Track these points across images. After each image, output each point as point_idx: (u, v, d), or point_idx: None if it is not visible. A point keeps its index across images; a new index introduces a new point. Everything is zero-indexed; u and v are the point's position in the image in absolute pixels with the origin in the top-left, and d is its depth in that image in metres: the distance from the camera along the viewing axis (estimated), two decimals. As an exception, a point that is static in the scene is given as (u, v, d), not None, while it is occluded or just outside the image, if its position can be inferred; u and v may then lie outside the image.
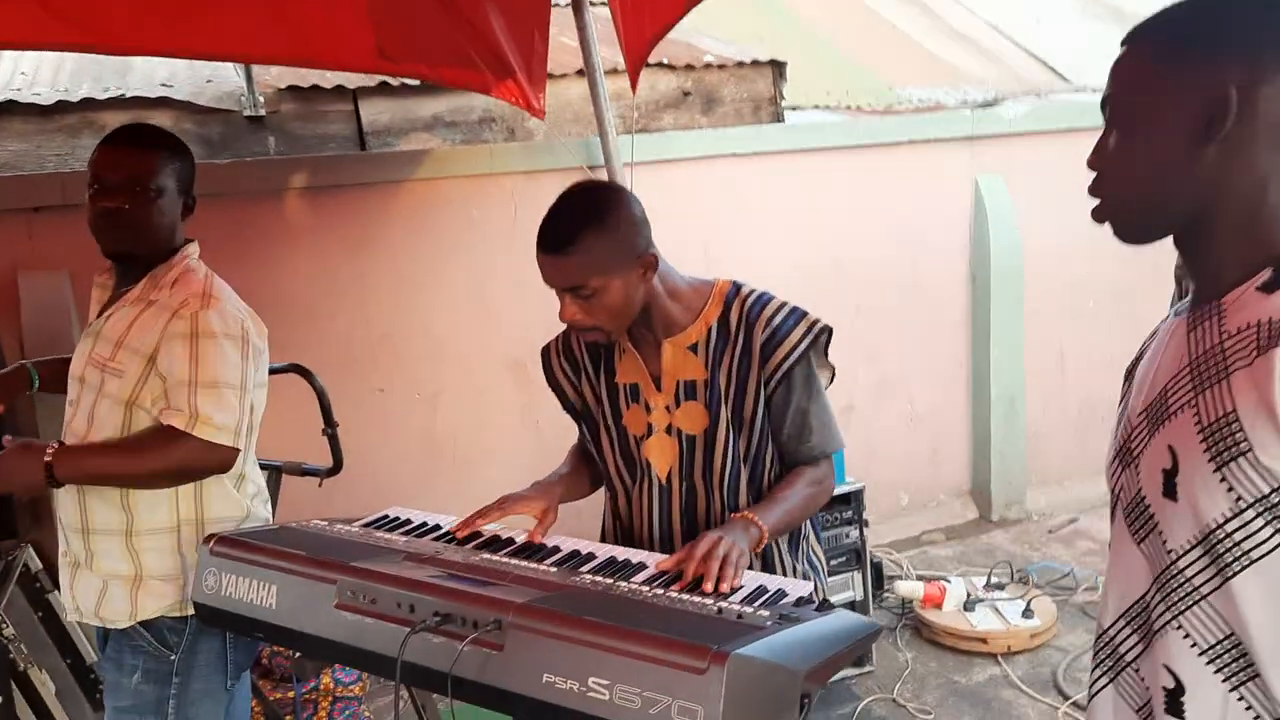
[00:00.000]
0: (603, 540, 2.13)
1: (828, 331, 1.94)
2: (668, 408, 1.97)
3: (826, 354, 1.97)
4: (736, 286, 1.98)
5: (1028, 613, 3.70)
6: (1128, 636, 1.23)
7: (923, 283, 4.83)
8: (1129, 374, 1.35)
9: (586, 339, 1.96)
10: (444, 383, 4.11)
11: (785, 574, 2.00)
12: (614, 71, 4.20)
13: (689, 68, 4.79)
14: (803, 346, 1.90)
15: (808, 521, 2.06)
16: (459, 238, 4.05)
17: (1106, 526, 4.40)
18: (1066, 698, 3.35)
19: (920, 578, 4.18)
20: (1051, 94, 6.21)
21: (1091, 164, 1.20)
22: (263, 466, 2.80)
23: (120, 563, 2.06)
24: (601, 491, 2.19)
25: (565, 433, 4.27)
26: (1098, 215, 1.22)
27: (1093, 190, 1.21)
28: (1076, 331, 5.16)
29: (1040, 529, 4.81)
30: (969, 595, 3.84)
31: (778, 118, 4.95)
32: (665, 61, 4.72)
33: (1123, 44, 1.20)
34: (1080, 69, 6.74)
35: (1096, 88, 6.38)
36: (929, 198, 4.81)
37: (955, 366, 4.99)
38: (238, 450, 2.03)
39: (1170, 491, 1.13)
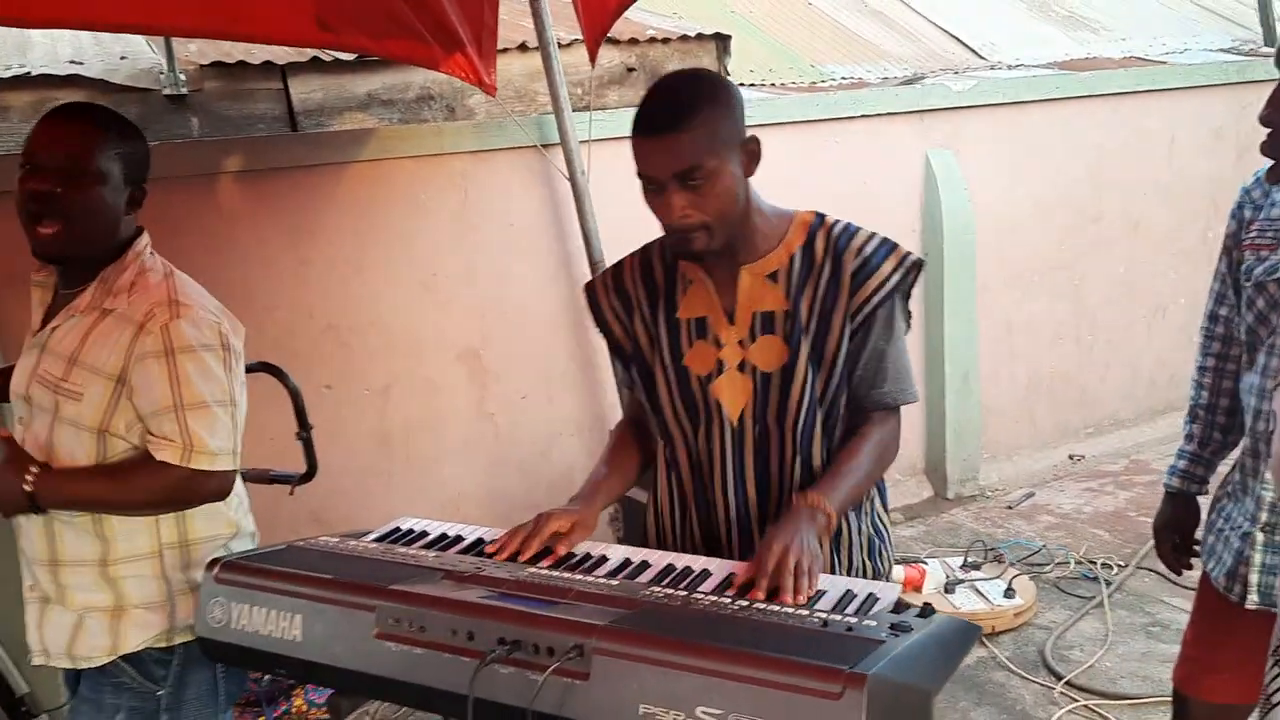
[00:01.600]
0: (656, 498, 1.96)
1: (919, 266, 1.80)
2: (741, 342, 1.81)
3: (909, 296, 1.83)
4: (820, 216, 1.84)
5: (1009, 592, 3.66)
6: None
7: (875, 260, 4.76)
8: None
9: (691, 247, 1.72)
10: (393, 376, 3.87)
11: (850, 537, 1.87)
12: (561, 46, 4.00)
13: (633, 42, 4.62)
14: (894, 281, 1.76)
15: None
16: (406, 222, 3.81)
17: (1064, 499, 4.43)
18: (1059, 676, 3.30)
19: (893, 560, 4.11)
20: (970, 70, 6.23)
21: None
22: (226, 475, 2.57)
23: (96, 594, 1.82)
24: None
25: (520, 422, 4.13)
26: None
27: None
28: (1022, 305, 5.16)
29: (998, 505, 4.80)
30: (948, 577, 3.78)
31: (723, 93, 4.81)
32: (608, 36, 4.53)
33: None
34: (993, 46, 6.78)
35: (1013, 63, 6.46)
36: (880, 172, 4.73)
37: (909, 343, 4.93)
38: (235, 473, 1.81)
39: None
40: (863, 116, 4.66)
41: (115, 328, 1.80)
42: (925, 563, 3.89)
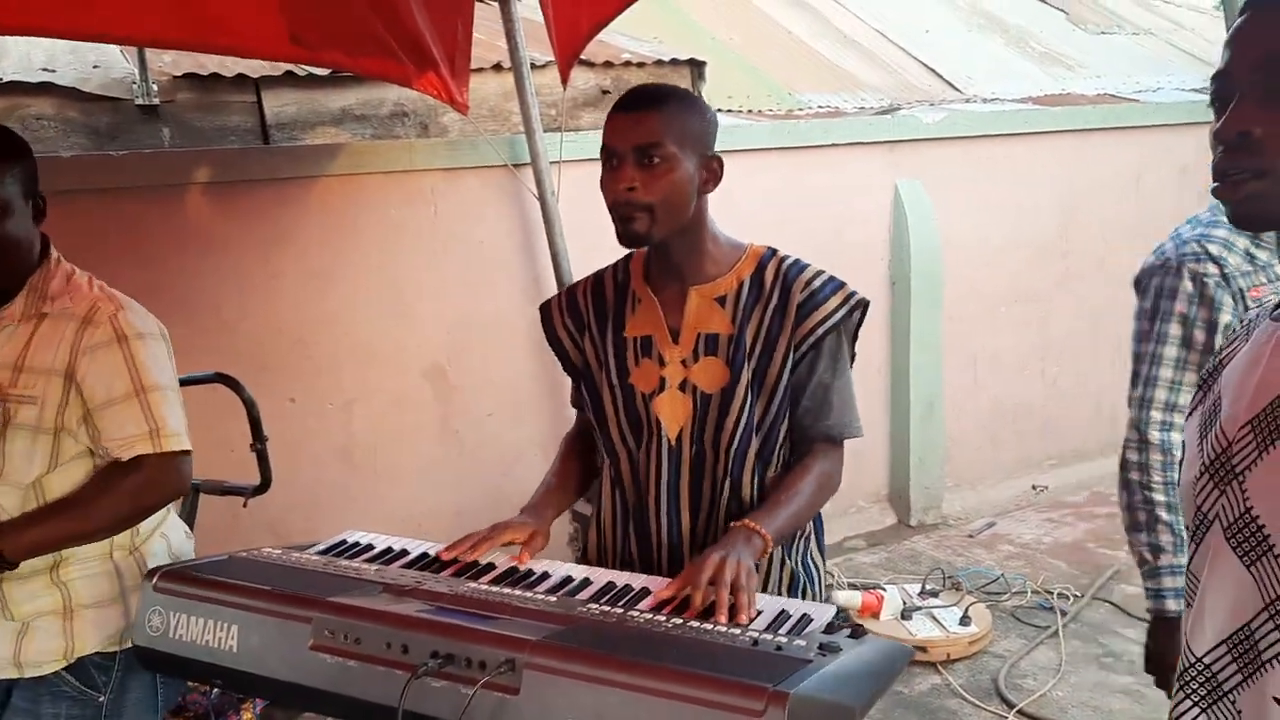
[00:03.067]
0: (599, 514, 1.97)
1: (864, 306, 1.84)
2: (684, 361, 1.84)
3: (856, 335, 1.87)
4: (772, 250, 1.88)
5: (965, 620, 3.68)
6: (1228, 665, 1.14)
7: (843, 287, 4.81)
8: (1206, 382, 1.26)
9: (630, 227, 1.74)
10: (359, 391, 3.87)
11: (770, 569, 1.87)
12: (534, 67, 4.03)
13: (608, 65, 4.67)
14: (838, 316, 1.80)
15: (811, 520, 1.92)
16: (376, 238, 3.82)
17: (1024, 529, 4.43)
18: (1011, 705, 3.33)
19: (851, 586, 4.13)
20: (945, 103, 6.31)
21: (1241, 137, 1.06)
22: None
23: (44, 598, 1.82)
24: None
25: (485, 440, 4.13)
26: (1235, 194, 1.08)
27: (1238, 165, 1.08)
28: (987, 335, 5.21)
29: (959, 533, 4.83)
30: (905, 604, 3.80)
31: (697, 119, 4.85)
32: (584, 58, 4.56)
33: (1258, 6, 1.07)
34: (968, 80, 6.88)
35: (988, 97, 6.55)
36: (850, 201, 4.79)
37: (873, 371, 4.98)
38: (191, 454, 1.82)
39: None
40: (834, 145, 4.71)
41: (57, 327, 1.81)
42: (884, 589, 3.91)
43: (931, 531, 4.88)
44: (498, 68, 4.30)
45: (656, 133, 1.71)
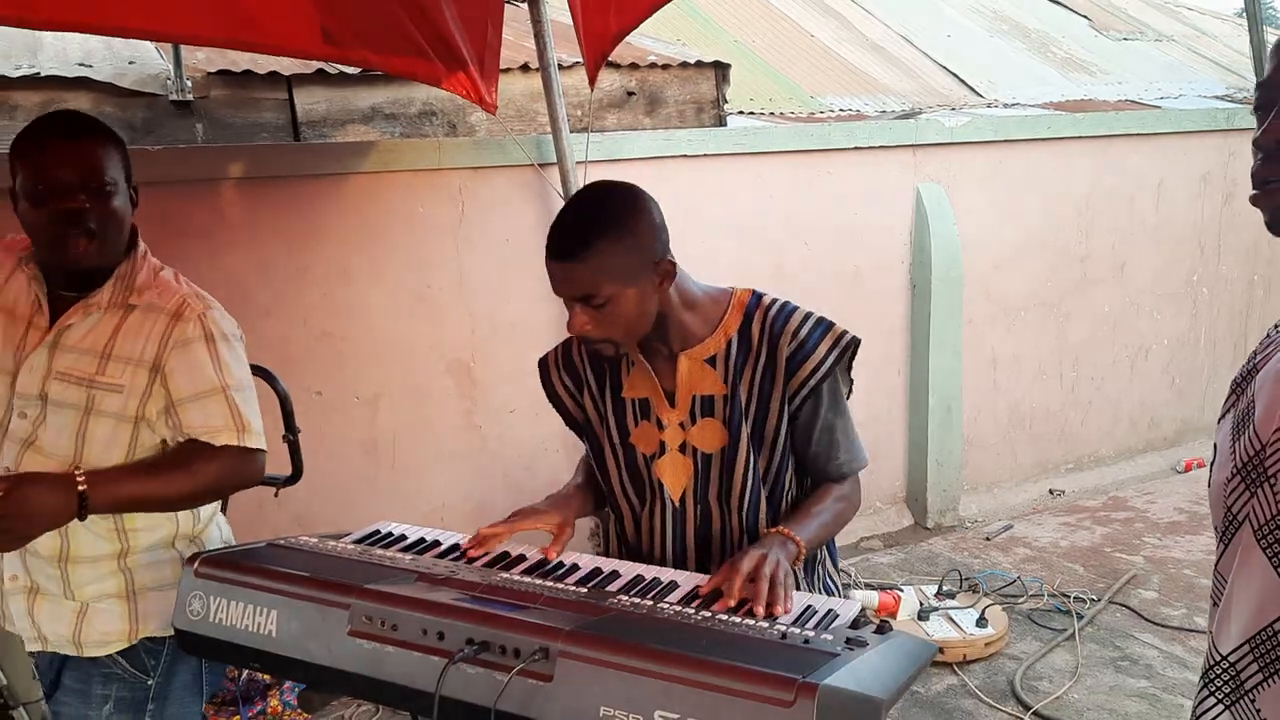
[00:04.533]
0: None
1: (855, 344, 1.84)
2: (682, 424, 1.85)
3: (851, 366, 1.88)
4: (757, 296, 1.87)
5: (982, 621, 3.70)
6: (1250, 664, 1.17)
7: (864, 289, 4.83)
8: (1240, 386, 1.29)
9: (595, 352, 1.82)
10: (384, 385, 3.92)
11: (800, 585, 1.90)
12: (561, 68, 4.07)
13: (634, 67, 4.70)
14: (830, 361, 1.80)
15: (824, 546, 1.96)
16: (403, 234, 3.87)
17: (1041, 533, 4.43)
18: (1027, 707, 3.35)
19: (869, 586, 4.16)
20: (966, 107, 6.33)
21: (1276, 148, 1.08)
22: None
23: (109, 581, 1.87)
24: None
25: (507, 437, 4.17)
26: (1268, 201, 1.11)
27: (1276, 174, 1.10)
28: (1006, 339, 5.23)
29: (976, 536, 4.85)
30: (921, 604, 3.82)
31: (720, 120, 4.89)
32: (610, 60, 4.60)
33: None
34: (990, 84, 6.89)
35: (1009, 102, 6.57)
36: (871, 204, 4.81)
37: (893, 373, 5.00)
38: (265, 451, 1.87)
39: None
40: (856, 149, 4.73)
41: (146, 319, 1.86)
42: (901, 589, 3.93)
43: (949, 533, 4.90)
44: (525, 68, 4.34)
45: (589, 284, 1.68)
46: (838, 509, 1.86)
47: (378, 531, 1.97)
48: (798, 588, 1.89)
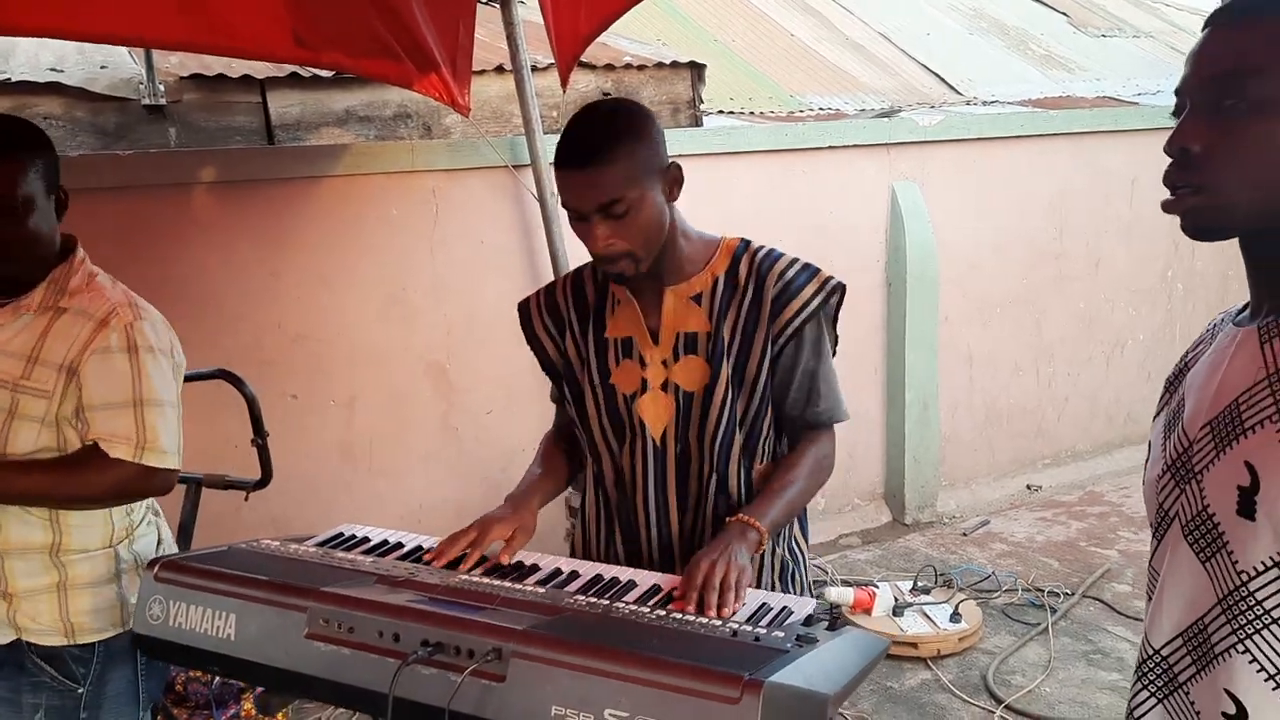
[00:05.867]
0: (583, 514, 2.03)
1: (841, 290, 1.87)
2: (664, 362, 1.87)
3: (837, 319, 1.90)
4: (746, 242, 1.90)
5: (955, 616, 3.73)
6: (1183, 657, 1.20)
7: (840, 288, 4.85)
8: (1173, 385, 1.31)
9: (616, 270, 1.79)
10: (360, 387, 3.93)
11: (764, 559, 1.91)
12: (534, 69, 4.08)
13: (609, 67, 4.71)
14: (815, 303, 1.83)
15: None
16: (377, 237, 3.88)
17: (1017, 528, 4.47)
18: (999, 701, 3.38)
19: (845, 583, 4.18)
20: (945, 105, 6.36)
21: (1188, 143, 1.11)
22: (182, 480, 2.63)
23: (42, 577, 1.88)
24: None
25: (484, 438, 4.18)
26: (1179, 206, 1.15)
27: (1180, 177, 1.14)
28: (983, 336, 5.26)
29: (953, 531, 4.88)
30: (896, 600, 3.85)
31: (696, 121, 4.91)
32: (585, 61, 4.61)
33: (1236, 15, 1.10)
34: (970, 82, 6.92)
35: (988, 99, 6.60)
36: (846, 203, 4.83)
37: (870, 371, 5.03)
38: (179, 472, 1.87)
39: (1247, 510, 1.09)
40: (830, 148, 4.76)
41: (73, 323, 1.84)
42: (877, 586, 3.95)
43: (926, 529, 4.93)
44: (500, 70, 4.35)
45: (614, 189, 1.69)
46: (805, 478, 1.86)
47: (341, 534, 1.98)
48: (773, 555, 1.92)
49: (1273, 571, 1.07)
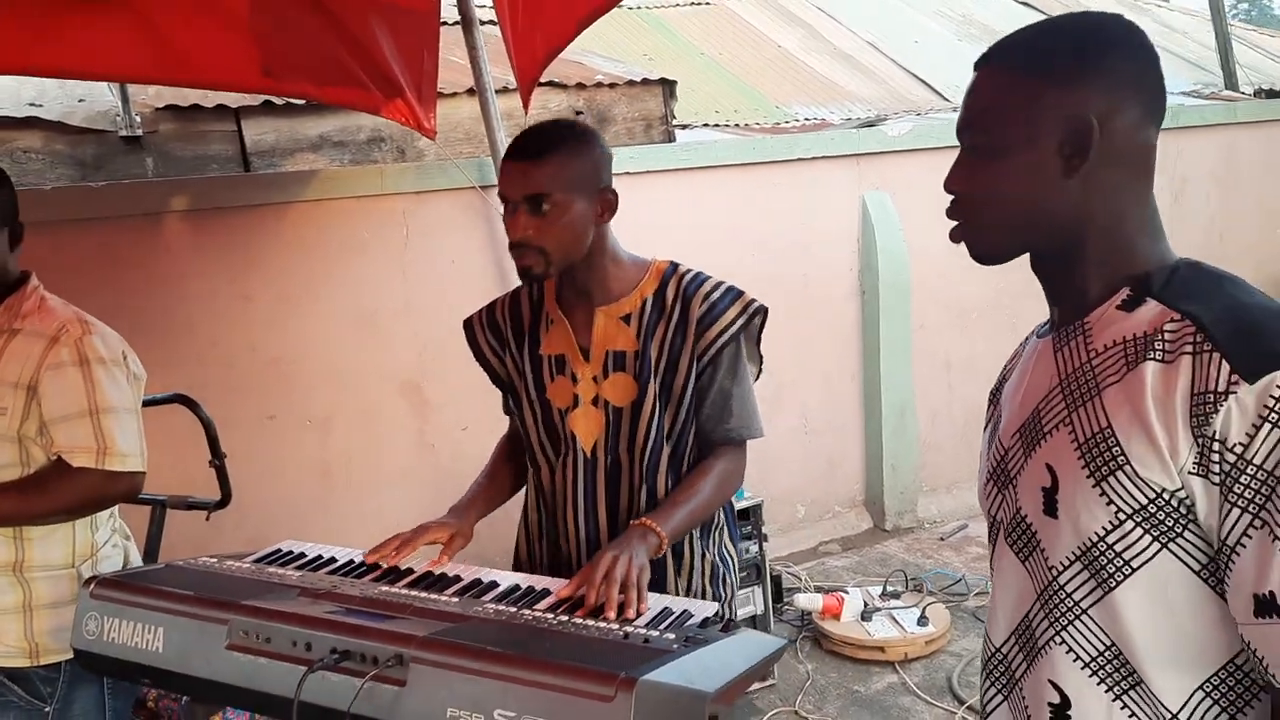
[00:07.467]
0: (525, 521, 2.12)
1: (763, 313, 1.96)
2: (595, 378, 1.97)
3: (759, 340, 1.99)
4: (674, 265, 2.01)
5: (923, 620, 3.78)
6: (1016, 654, 1.26)
7: (814, 297, 4.92)
8: (994, 397, 1.39)
9: (525, 262, 1.88)
10: (335, 408, 4.01)
11: (693, 562, 2.00)
12: (504, 90, 4.17)
13: (580, 86, 4.80)
14: (736, 326, 1.93)
15: (723, 512, 2.07)
16: (349, 259, 3.97)
17: (996, 532, 4.40)
18: (961, 702, 3.43)
19: (818, 589, 4.24)
20: (933, 112, 6.42)
21: (951, 188, 1.23)
22: (146, 501, 2.72)
23: (6, 596, 1.96)
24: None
25: (461, 454, 4.26)
26: (957, 236, 1.25)
27: (952, 213, 1.24)
28: (959, 342, 5.31)
29: (932, 536, 4.93)
30: (866, 605, 3.90)
31: (669, 136, 4.99)
32: (556, 80, 4.71)
33: (980, 66, 1.21)
34: (958, 89, 6.97)
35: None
36: (818, 214, 4.90)
37: (847, 379, 5.08)
38: (144, 474, 1.96)
39: (1051, 509, 1.16)
40: (799, 160, 4.82)
41: (26, 343, 1.94)
42: (848, 592, 4.01)
43: (905, 535, 4.98)
44: (471, 92, 4.43)
45: (544, 183, 1.82)
46: (711, 490, 1.95)
47: (279, 550, 2.06)
48: (693, 555, 2.00)
49: (1076, 565, 1.14)
